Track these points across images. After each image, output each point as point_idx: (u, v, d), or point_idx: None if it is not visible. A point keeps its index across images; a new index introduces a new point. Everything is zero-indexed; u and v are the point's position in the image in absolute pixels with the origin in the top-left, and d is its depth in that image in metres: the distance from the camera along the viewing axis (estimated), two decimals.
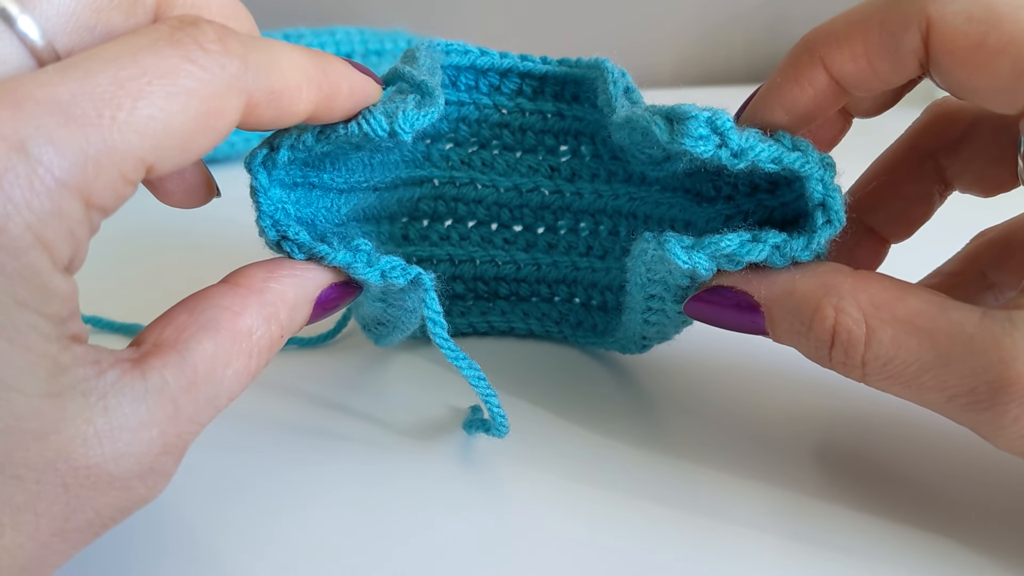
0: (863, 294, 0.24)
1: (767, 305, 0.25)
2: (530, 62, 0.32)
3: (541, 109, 0.33)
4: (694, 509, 0.27)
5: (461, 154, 0.35)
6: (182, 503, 0.27)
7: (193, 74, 0.19)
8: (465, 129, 0.34)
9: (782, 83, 0.25)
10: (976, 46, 0.22)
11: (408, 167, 0.34)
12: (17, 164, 0.17)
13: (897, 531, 0.26)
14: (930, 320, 0.23)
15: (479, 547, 0.26)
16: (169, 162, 0.19)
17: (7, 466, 0.18)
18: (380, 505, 0.28)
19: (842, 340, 0.24)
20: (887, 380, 0.24)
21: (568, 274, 0.36)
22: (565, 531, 0.27)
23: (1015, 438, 0.22)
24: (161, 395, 0.20)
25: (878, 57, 0.24)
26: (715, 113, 0.24)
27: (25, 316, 0.17)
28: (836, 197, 0.25)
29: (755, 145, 0.24)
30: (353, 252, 0.26)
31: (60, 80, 0.18)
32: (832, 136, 0.29)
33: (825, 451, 0.31)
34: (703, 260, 0.25)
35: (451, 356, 0.27)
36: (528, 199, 0.35)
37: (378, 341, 0.33)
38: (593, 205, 0.35)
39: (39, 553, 0.19)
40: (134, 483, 0.20)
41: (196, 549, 0.26)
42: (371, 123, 0.25)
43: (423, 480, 0.29)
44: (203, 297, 0.23)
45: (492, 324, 0.38)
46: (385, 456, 0.30)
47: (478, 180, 0.35)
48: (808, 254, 0.25)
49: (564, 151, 0.35)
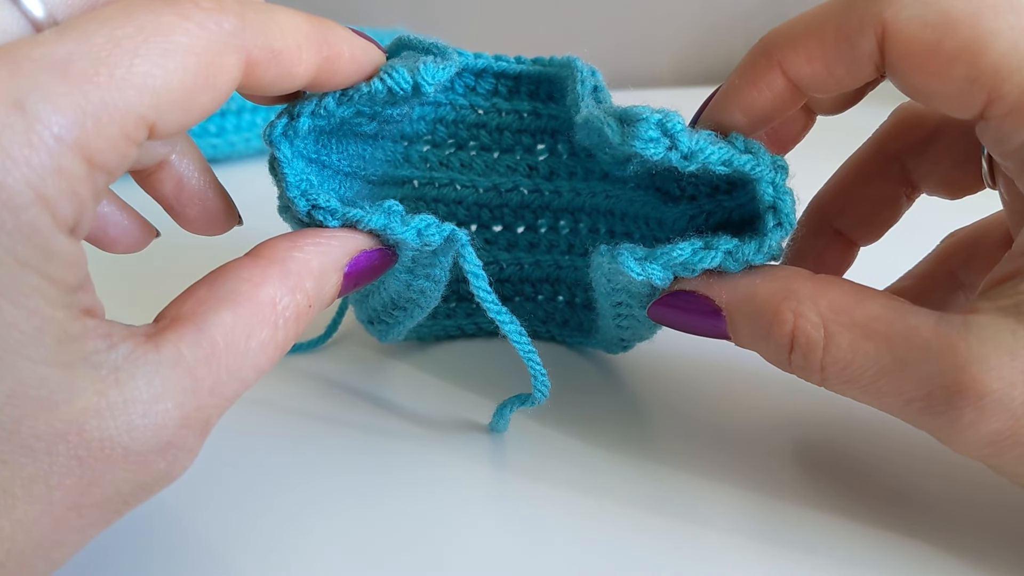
0: (822, 299, 0.24)
1: (728, 310, 0.25)
2: (504, 62, 0.32)
3: (517, 108, 0.34)
4: (673, 513, 0.27)
5: (439, 155, 0.35)
6: (182, 504, 0.27)
7: (189, 31, 0.19)
8: (443, 130, 0.34)
9: (740, 85, 0.25)
10: (931, 52, 0.22)
11: (389, 166, 0.34)
12: (15, 121, 0.17)
13: (877, 535, 0.26)
14: (887, 325, 0.23)
15: (463, 552, 0.26)
16: (171, 121, 0.19)
17: (16, 435, 0.17)
18: (373, 511, 0.28)
19: (801, 344, 0.24)
20: (846, 384, 0.24)
21: (551, 273, 0.36)
22: (544, 537, 0.27)
23: (971, 442, 0.22)
24: (176, 367, 0.19)
25: (834, 61, 0.24)
26: (666, 115, 0.24)
27: (27, 276, 0.17)
28: (786, 200, 0.24)
29: (705, 147, 0.24)
30: (387, 213, 0.25)
31: (56, 40, 0.18)
32: (795, 134, 0.29)
33: (807, 453, 0.30)
34: (657, 270, 0.25)
35: (493, 311, 0.27)
36: (508, 199, 0.35)
37: (386, 334, 0.33)
38: (572, 203, 0.35)
39: (54, 528, 0.18)
40: (152, 458, 0.19)
41: (195, 551, 0.26)
42: (394, 77, 0.25)
43: (405, 487, 0.29)
44: (223, 271, 0.22)
45: (479, 325, 0.38)
46: (379, 456, 0.30)
47: (457, 181, 0.35)
48: (761, 257, 0.25)
49: (542, 150, 0.35)
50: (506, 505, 0.28)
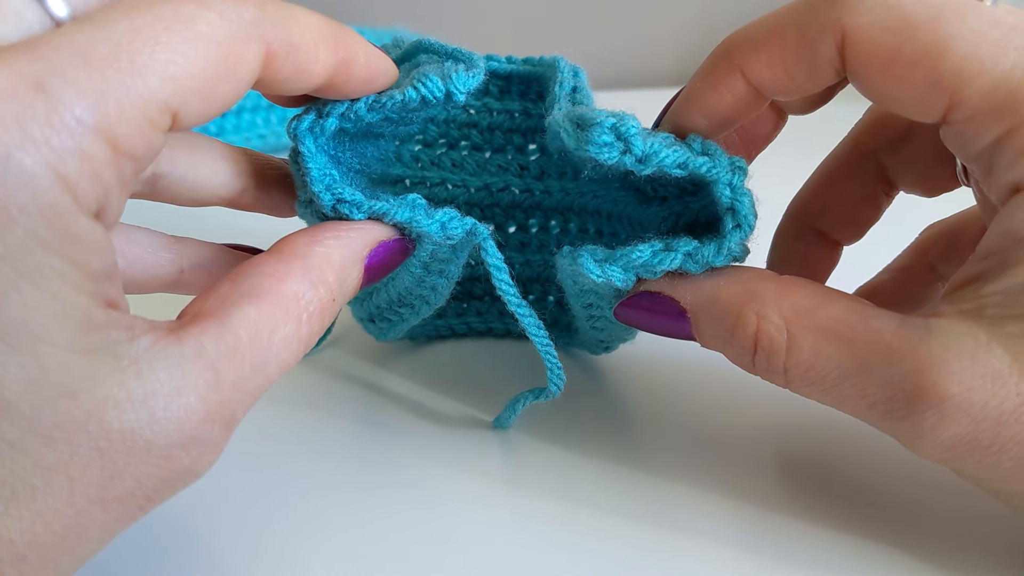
0: (786, 301, 0.23)
1: (693, 311, 0.25)
2: (495, 61, 0.32)
3: (508, 108, 0.34)
4: (653, 522, 0.27)
5: (431, 155, 0.35)
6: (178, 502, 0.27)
7: (211, 20, 0.19)
8: (434, 130, 0.34)
9: (700, 89, 0.25)
10: (891, 58, 0.21)
11: (382, 164, 0.34)
12: (36, 102, 0.16)
13: (859, 543, 0.26)
14: (849, 328, 0.23)
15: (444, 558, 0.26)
16: (193, 110, 0.19)
17: (36, 424, 0.17)
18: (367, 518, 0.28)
19: (764, 347, 0.24)
20: (809, 387, 0.24)
21: (541, 272, 0.36)
22: (523, 546, 0.26)
23: (933, 446, 0.22)
24: (198, 361, 0.19)
25: (795, 66, 0.23)
26: (621, 119, 0.24)
27: (50, 259, 0.17)
28: (744, 201, 0.24)
29: (660, 151, 0.24)
30: (411, 207, 0.25)
31: (77, 30, 0.18)
32: (766, 133, 0.28)
33: (790, 460, 0.30)
34: (617, 272, 0.25)
35: (513, 303, 0.27)
36: (499, 198, 0.35)
37: (386, 333, 0.33)
38: (562, 203, 0.35)
39: (77, 522, 0.18)
40: (175, 452, 0.19)
41: (190, 549, 0.26)
42: (428, 86, 0.25)
43: (405, 487, 0.29)
44: (245, 267, 0.22)
45: (470, 325, 0.38)
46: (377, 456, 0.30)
47: (449, 180, 0.35)
48: (722, 259, 0.25)
49: (533, 149, 0.35)
50: (485, 512, 0.28)
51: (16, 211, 0.16)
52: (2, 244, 0.16)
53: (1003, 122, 0.21)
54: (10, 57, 0.17)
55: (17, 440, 0.17)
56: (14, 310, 0.17)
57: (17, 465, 0.17)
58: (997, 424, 0.21)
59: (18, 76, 0.17)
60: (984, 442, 0.21)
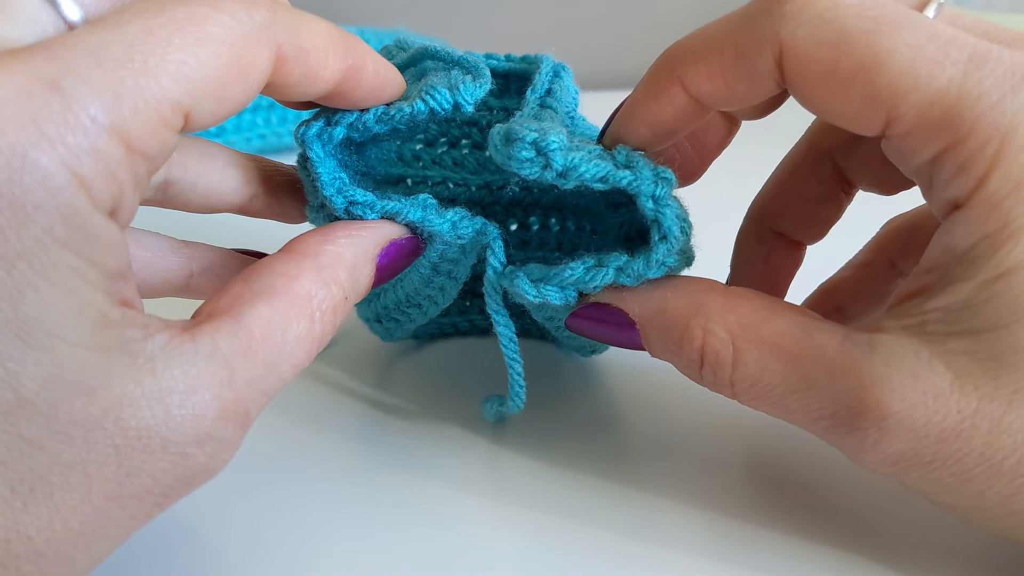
0: (732, 314, 0.23)
1: (641, 323, 0.25)
2: (493, 60, 0.32)
3: (507, 106, 0.34)
4: (628, 533, 0.27)
5: (432, 153, 0.35)
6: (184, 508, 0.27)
7: (223, 22, 0.19)
8: (435, 128, 0.34)
9: (643, 100, 0.24)
10: (828, 71, 0.21)
11: (384, 165, 0.34)
12: (52, 101, 0.17)
13: (836, 555, 0.26)
14: (794, 343, 0.23)
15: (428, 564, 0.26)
16: (206, 110, 0.19)
17: (53, 420, 0.17)
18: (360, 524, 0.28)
19: (710, 360, 0.24)
20: (756, 400, 0.24)
21: None
22: (495, 557, 0.26)
23: (876, 461, 0.22)
24: (212, 359, 0.19)
25: (734, 79, 0.23)
26: (543, 133, 0.23)
27: (66, 256, 0.17)
28: (666, 213, 0.24)
29: (579, 166, 0.23)
30: (423, 206, 0.25)
31: (90, 31, 0.18)
32: (719, 140, 0.28)
33: (760, 469, 0.30)
34: (552, 291, 0.25)
35: (491, 307, 0.27)
36: (499, 196, 0.35)
37: (392, 333, 0.33)
38: (558, 201, 0.35)
39: (94, 518, 0.18)
40: (191, 449, 0.19)
41: (187, 548, 0.26)
42: (436, 98, 0.25)
43: (404, 489, 0.29)
44: (258, 267, 0.22)
45: (473, 323, 0.38)
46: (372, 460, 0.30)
47: (450, 179, 0.35)
48: (654, 271, 0.24)
49: None
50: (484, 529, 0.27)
51: (32, 209, 0.17)
52: (18, 242, 0.17)
53: (940, 139, 0.20)
54: (26, 57, 0.17)
55: (35, 437, 0.17)
56: (30, 308, 0.17)
57: (35, 462, 0.17)
58: (938, 441, 0.21)
59: (34, 76, 0.17)
60: (926, 458, 0.21)
